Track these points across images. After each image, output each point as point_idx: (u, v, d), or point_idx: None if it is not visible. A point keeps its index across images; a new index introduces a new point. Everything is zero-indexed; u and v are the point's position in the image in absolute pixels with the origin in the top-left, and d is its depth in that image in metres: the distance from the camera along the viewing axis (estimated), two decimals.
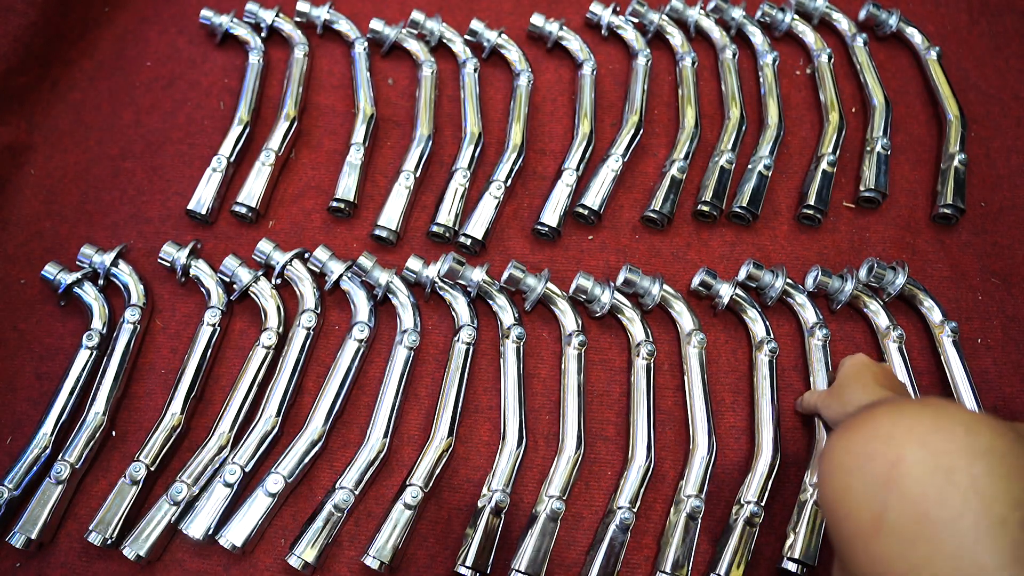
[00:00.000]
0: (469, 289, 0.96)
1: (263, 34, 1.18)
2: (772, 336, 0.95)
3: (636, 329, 0.95)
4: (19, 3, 1.08)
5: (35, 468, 0.83)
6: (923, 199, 1.10)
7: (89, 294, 0.94)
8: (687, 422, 0.91)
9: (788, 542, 0.83)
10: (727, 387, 0.95)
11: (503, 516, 0.84)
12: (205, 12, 1.17)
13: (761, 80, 1.17)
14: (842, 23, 1.24)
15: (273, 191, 1.05)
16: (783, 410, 0.92)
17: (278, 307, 0.94)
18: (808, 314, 0.97)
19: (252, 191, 1.02)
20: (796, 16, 1.23)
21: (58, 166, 1.08)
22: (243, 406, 0.88)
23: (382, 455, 0.86)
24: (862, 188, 1.07)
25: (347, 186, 1.03)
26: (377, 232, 1.01)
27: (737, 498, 0.87)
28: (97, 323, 0.92)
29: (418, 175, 1.05)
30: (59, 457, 0.83)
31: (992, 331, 1.00)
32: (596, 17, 1.22)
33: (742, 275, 0.98)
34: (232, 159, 1.04)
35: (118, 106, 1.13)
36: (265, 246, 0.97)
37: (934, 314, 0.98)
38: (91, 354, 0.90)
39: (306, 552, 0.79)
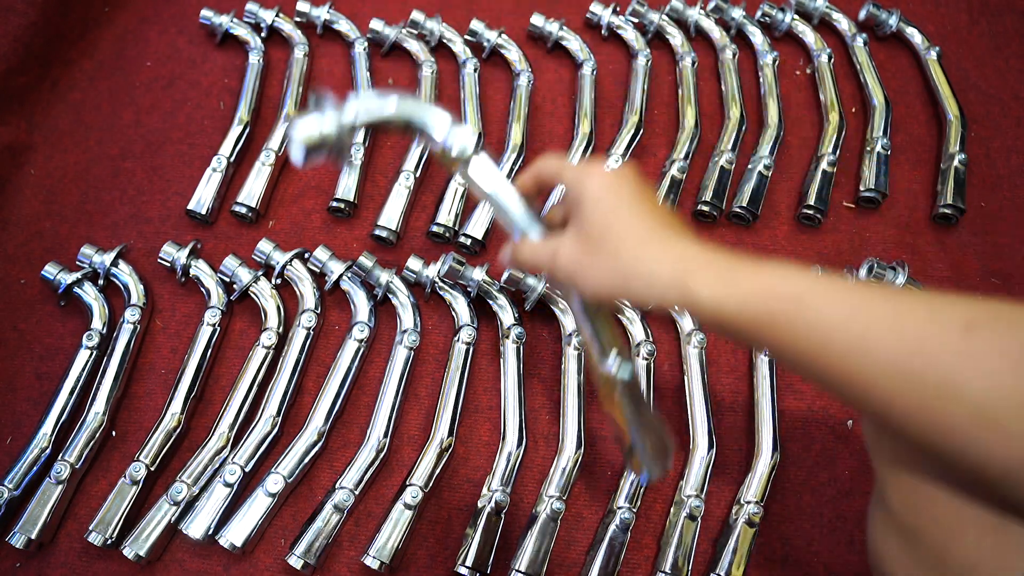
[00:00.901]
0: (469, 289, 0.96)
1: (263, 34, 1.18)
2: None
3: (636, 329, 0.95)
4: (19, 3, 1.08)
5: (35, 468, 0.83)
6: (923, 199, 1.10)
7: (89, 294, 0.94)
8: (687, 422, 0.91)
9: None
10: (727, 387, 0.95)
11: (503, 516, 0.84)
12: (205, 12, 1.17)
13: (761, 80, 1.17)
14: (842, 23, 1.24)
15: (273, 191, 1.05)
16: (783, 410, 0.92)
17: (278, 307, 0.94)
18: None
19: (252, 191, 1.02)
20: (796, 16, 1.23)
21: (58, 166, 1.08)
22: (243, 406, 0.88)
23: (382, 455, 0.86)
24: (862, 188, 1.07)
25: (347, 186, 1.03)
26: (377, 232, 1.01)
27: (737, 498, 0.87)
28: (97, 323, 0.92)
29: (418, 175, 1.05)
30: (59, 457, 0.83)
31: None
32: (596, 17, 1.22)
33: None
34: (232, 159, 1.04)
35: (118, 106, 1.13)
36: (265, 246, 0.97)
37: None
38: (91, 354, 0.90)
39: (306, 552, 0.79)
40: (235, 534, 0.79)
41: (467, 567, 0.80)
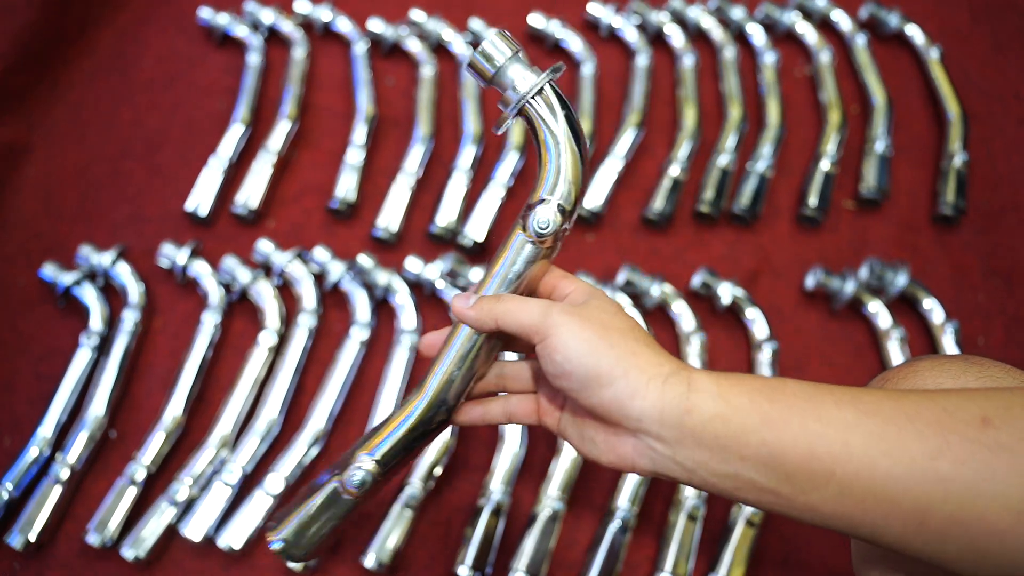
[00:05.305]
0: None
1: (263, 34, 1.18)
2: (772, 336, 0.95)
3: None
4: (19, 3, 1.08)
5: (34, 469, 0.83)
6: (924, 199, 1.10)
7: (88, 294, 0.94)
8: None
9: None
10: None
11: (503, 516, 0.84)
12: (204, 12, 1.17)
13: (761, 80, 1.17)
14: (843, 23, 1.23)
15: (273, 191, 1.05)
16: None
17: (278, 307, 0.94)
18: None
19: (252, 191, 1.02)
20: (797, 16, 1.22)
21: (57, 166, 1.07)
22: (243, 406, 0.88)
23: None
24: (862, 188, 1.07)
25: (347, 186, 1.03)
26: (377, 232, 1.01)
27: None
28: (96, 323, 0.92)
29: (418, 175, 1.05)
30: (58, 458, 0.83)
31: (994, 331, 1.00)
32: (596, 17, 1.22)
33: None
34: (232, 159, 1.04)
35: (117, 106, 1.13)
36: (265, 246, 0.97)
37: (935, 314, 0.98)
38: (90, 354, 0.90)
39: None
40: (234, 535, 0.79)
41: (467, 567, 0.80)
